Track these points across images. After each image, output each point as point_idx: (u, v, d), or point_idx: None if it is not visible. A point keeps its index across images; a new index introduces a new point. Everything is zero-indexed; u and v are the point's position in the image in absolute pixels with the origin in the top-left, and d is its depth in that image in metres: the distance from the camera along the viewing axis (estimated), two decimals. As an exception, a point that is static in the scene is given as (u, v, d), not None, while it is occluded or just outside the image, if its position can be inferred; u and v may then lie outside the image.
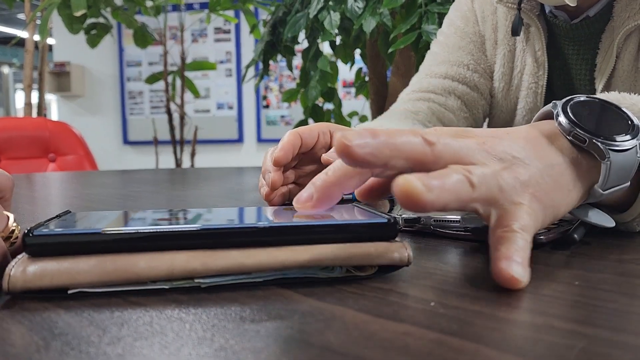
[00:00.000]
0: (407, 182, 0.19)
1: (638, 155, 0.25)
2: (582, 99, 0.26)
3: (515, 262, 0.20)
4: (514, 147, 0.23)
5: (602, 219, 0.27)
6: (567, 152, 0.24)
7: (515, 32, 0.58)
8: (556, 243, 0.27)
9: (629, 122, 0.26)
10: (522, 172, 0.22)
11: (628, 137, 0.24)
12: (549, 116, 0.27)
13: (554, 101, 0.26)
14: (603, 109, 0.26)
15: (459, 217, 0.29)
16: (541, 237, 0.26)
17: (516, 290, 0.20)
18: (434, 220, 0.30)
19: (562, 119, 0.25)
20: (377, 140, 0.20)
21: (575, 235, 0.27)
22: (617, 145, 0.24)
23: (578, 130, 0.24)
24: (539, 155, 0.23)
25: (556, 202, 0.23)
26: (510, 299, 0.19)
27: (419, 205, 0.19)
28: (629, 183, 0.26)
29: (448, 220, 0.30)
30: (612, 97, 0.28)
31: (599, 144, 0.24)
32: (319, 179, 0.23)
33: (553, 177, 0.23)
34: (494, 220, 0.22)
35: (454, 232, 0.29)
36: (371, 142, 0.20)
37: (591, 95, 0.27)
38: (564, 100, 0.26)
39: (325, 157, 0.41)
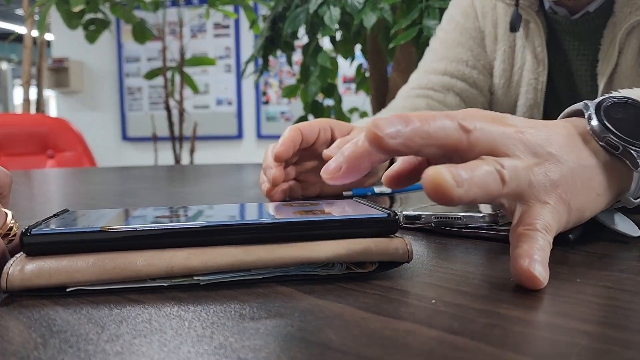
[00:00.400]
0: (438, 175, 0.18)
1: None
2: (615, 100, 0.25)
3: (536, 260, 0.19)
4: (552, 141, 0.22)
5: (628, 227, 0.27)
6: (600, 155, 0.24)
7: (513, 28, 0.58)
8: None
9: None
10: (554, 170, 0.22)
11: None
12: (577, 114, 0.26)
13: (584, 101, 0.25)
14: (637, 112, 0.25)
15: (461, 214, 0.29)
16: None
17: (518, 288, 0.20)
18: (435, 218, 0.30)
19: (594, 122, 0.24)
20: (410, 128, 0.20)
21: (570, 236, 0.26)
22: None
23: (611, 137, 0.23)
24: (574, 154, 0.23)
25: (582, 206, 0.23)
26: (511, 296, 0.19)
27: (447, 199, 0.19)
28: None
29: (450, 218, 0.30)
30: (636, 93, 0.27)
31: (633, 152, 0.23)
32: (348, 149, 0.22)
33: (584, 179, 0.22)
34: (518, 216, 0.21)
35: (456, 229, 0.29)
36: (403, 131, 0.20)
37: (626, 95, 0.26)
38: (596, 100, 0.25)
39: (326, 152, 0.41)
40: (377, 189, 0.47)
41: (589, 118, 0.24)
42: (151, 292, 0.20)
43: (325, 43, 1.36)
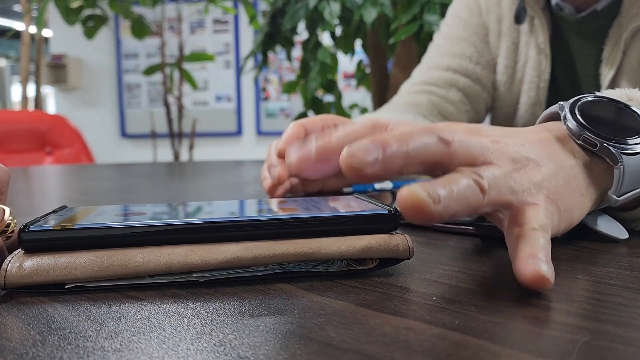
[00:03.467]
0: (412, 195, 0.18)
1: None
2: (589, 99, 0.25)
3: (541, 260, 0.19)
4: (527, 147, 0.22)
5: (613, 229, 0.26)
6: (579, 155, 0.23)
7: (517, 19, 0.57)
8: None
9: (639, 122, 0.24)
10: (535, 173, 0.21)
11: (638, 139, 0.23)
12: (554, 117, 0.26)
13: (559, 102, 0.25)
14: (612, 109, 0.25)
15: None
16: None
17: (519, 285, 0.20)
18: None
19: (570, 122, 0.24)
20: (388, 152, 0.19)
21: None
22: (629, 149, 0.23)
23: (588, 134, 0.23)
24: (552, 157, 0.22)
25: (569, 207, 0.22)
26: (512, 293, 0.19)
27: (425, 217, 0.18)
28: None
29: None
30: (618, 93, 0.27)
31: (611, 148, 0.23)
32: (319, 140, 0.21)
33: (565, 179, 0.22)
34: (508, 220, 0.21)
35: (446, 225, 0.29)
36: (382, 158, 0.19)
37: (599, 94, 0.26)
38: (571, 101, 0.25)
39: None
40: (377, 185, 0.47)
41: (565, 118, 0.24)
42: (150, 289, 0.20)
43: (325, 39, 1.36)
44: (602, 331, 0.15)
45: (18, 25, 5.04)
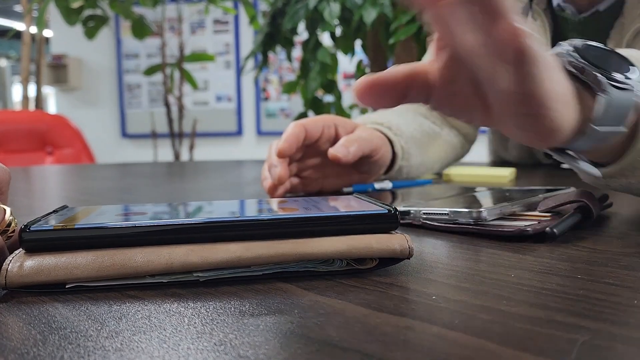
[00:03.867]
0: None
1: (635, 96, 0.24)
2: (589, 42, 0.26)
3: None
4: None
5: (588, 168, 0.27)
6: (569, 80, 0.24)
7: (525, 12, 0.57)
8: (538, 237, 0.27)
9: (630, 66, 0.25)
10: None
11: (626, 77, 0.24)
12: None
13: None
14: (606, 51, 0.26)
15: (448, 210, 0.29)
16: (528, 228, 0.26)
17: (518, 284, 0.20)
18: (424, 213, 0.30)
19: (564, 47, 0.25)
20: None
21: (555, 230, 0.27)
22: (615, 81, 0.24)
23: (580, 60, 0.24)
24: None
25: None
26: (512, 292, 0.19)
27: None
28: (624, 128, 0.25)
29: (438, 214, 0.30)
30: (624, 53, 0.28)
31: (598, 75, 0.24)
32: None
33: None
34: None
35: (443, 224, 0.30)
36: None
37: (599, 43, 0.27)
38: (571, 39, 0.26)
39: (332, 151, 0.41)
40: (377, 185, 0.47)
41: (558, 46, 0.25)
42: (150, 288, 0.20)
43: (325, 39, 1.36)
44: (601, 331, 0.15)
45: (19, 26, 5.04)
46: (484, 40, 0.20)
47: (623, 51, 0.28)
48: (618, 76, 0.24)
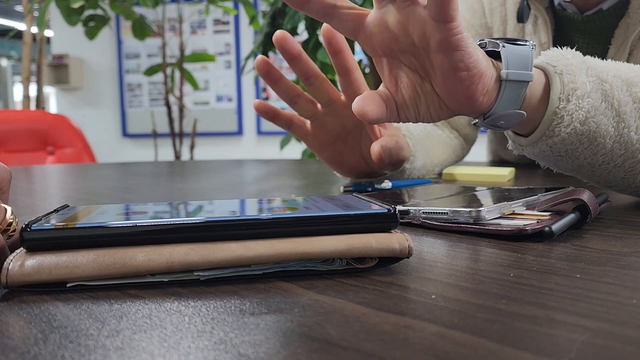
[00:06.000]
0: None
1: (531, 49, 0.31)
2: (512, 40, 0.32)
3: None
4: None
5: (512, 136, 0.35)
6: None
7: (520, 18, 0.57)
8: (537, 236, 0.27)
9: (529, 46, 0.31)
10: None
11: (525, 42, 0.31)
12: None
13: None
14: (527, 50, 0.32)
15: (447, 209, 0.29)
16: (527, 228, 0.27)
17: (517, 283, 0.20)
18: (423, 213, 0.31)
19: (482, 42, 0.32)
20: None
21: (553, 229, 0.27)
22: (511, 42, 0.31)
23: (485, 40, 0.32)
24: None
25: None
26: (510, 291, 0.19)
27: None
28: (532, 74, 0.30)
29: (437, 213, 0.30)
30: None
31: (495, 40, 0.31)
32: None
33: None
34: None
35: (443, 224, 0.30)
36: None
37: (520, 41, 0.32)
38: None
39: (374, 148, 0.42)
40: (377, 185, 0.47)
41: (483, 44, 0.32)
42: (151, 287, 0.20)
43: (326, 39, 1.36)
44: (600, 330, 0.15)
45: (19, 26, 5.05)
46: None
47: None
48: (513, 41, 0.31)
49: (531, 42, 0.31)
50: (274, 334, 0.15)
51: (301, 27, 1.28)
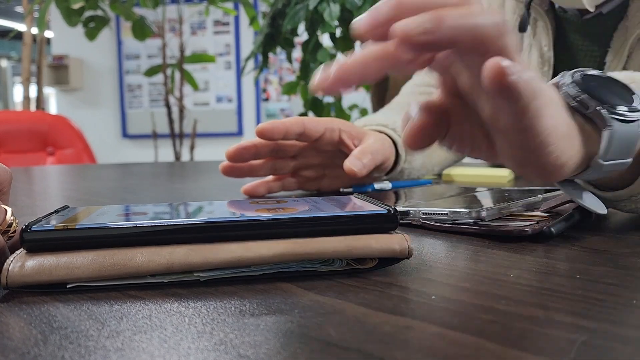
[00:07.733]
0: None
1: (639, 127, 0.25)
2: (589, 72, 0.26)
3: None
4: None
5: (595, 204, 0.27)
6: (571, 115, 0.24)
7: (522, 28, 0.57)
8: (537, 237, 0.27)
9: (632, 95, 0.25)
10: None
11: (630, 109, 0.24)
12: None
13: (562, 72, 0.26)
14: (606, 80, 0.26)
15: (447, 210, 0.29)
16: (527, 229, 0.27)
17: (517, 284, 0.20)
18: (423, 214, 0.31)
19: (568, 84, 0.25)
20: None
21: (553, 229, 0.27)
22: (619, 114, 0.24)
23: (583, 95, 0.24)
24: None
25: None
26: (511, 292, 0.19)
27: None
28: (631, 159, 0.25)
29: (437, 214, 0.30)
30: (622, 76, 0.28)
31: (601, 110, 0.24)
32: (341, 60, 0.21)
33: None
34: None
35: (443, 224, 0.30)
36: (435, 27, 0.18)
37: (599, 71, 0.27)
38: (572, 71, 0.26)
39: (347, 165, 0.41)
40: (377, 185, 0.47)
41: (562, 83, 0.25)
42: (151, 288, 0.20)
43: (325, 40, 1.36)
44: (600, 330, 0.15)
45: (19, 26, 5.05)
46: (476, 79, 0.20)
47: (621, 75, 0.28)
48: (621, 109, 0.24)
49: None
50: (274, 335, 0.15)
51: (301, 27, 1.28)
